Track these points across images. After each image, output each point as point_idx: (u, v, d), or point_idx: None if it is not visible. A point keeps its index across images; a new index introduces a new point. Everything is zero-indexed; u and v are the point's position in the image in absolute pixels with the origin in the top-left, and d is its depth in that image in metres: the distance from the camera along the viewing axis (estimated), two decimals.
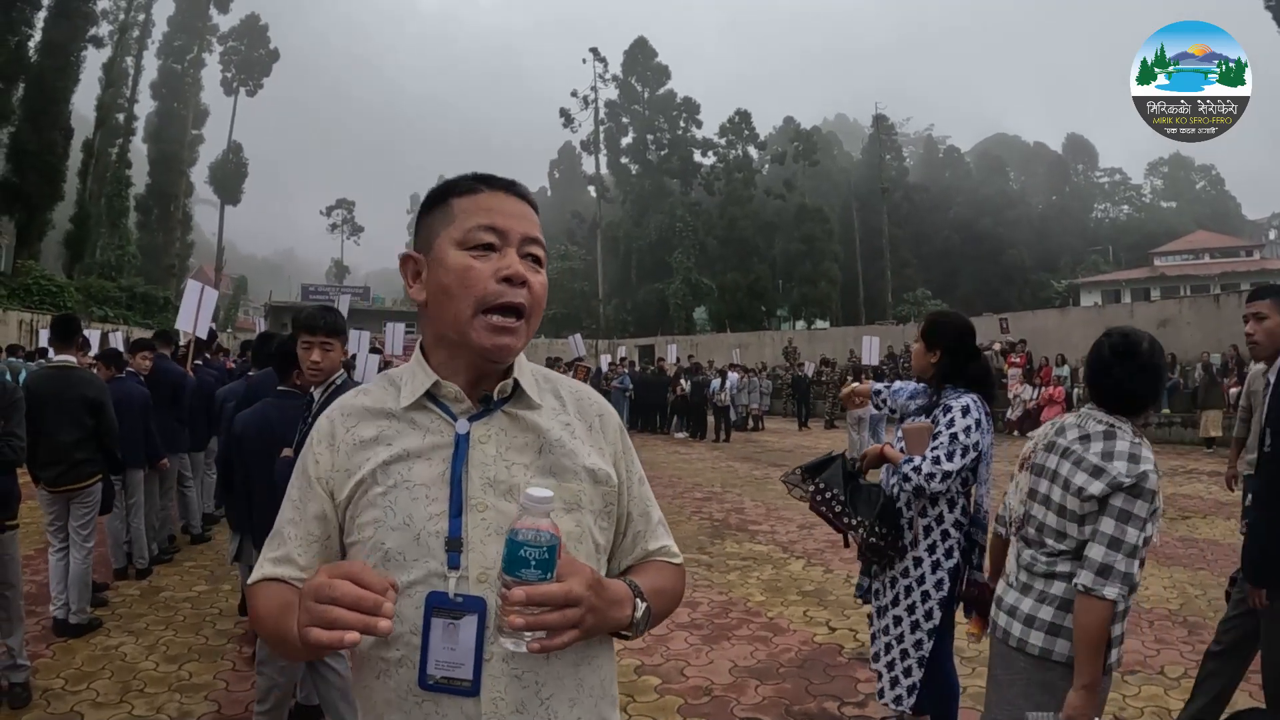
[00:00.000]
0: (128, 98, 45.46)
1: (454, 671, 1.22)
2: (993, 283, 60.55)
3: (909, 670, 3.81)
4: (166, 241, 49.81)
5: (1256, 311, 3.69)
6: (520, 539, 1.09)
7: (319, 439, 1.40)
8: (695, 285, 54.14)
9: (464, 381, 1.37)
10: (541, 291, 1.37)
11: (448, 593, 1.24)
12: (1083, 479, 2.56)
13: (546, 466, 1.36)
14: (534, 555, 1.09)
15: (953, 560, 3.77)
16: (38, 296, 27.35)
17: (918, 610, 3.78)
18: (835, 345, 33.98)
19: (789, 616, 6.39)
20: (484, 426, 1.35)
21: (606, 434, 1.49)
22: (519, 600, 1.09)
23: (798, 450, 18.05)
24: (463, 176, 1.41)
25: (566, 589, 1.14)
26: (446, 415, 1.36)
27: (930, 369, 3.93)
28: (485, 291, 1.30)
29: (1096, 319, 25.69)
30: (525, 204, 1.39)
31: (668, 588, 1.48)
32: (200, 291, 10.12)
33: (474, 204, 1.35)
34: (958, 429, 3.64)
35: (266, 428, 4.14)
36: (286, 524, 1.38)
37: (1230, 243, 57.04)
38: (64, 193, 34.56)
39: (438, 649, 1.23)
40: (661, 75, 61.67)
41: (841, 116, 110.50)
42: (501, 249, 1.33)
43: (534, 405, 1.40)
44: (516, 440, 1.37)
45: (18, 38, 30.96)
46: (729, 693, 4.91)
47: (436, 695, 1.24)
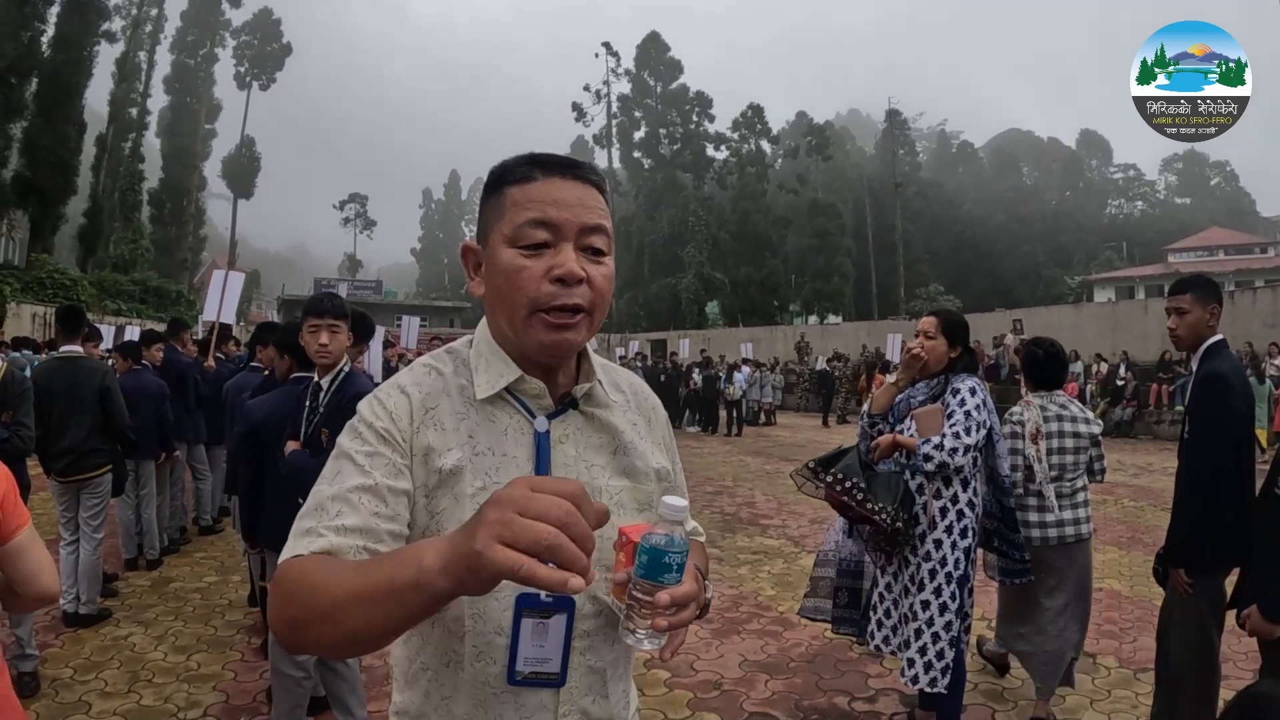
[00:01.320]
0: (141, 92, 45.65)
1: (542, 666, 1.23)
2: (1006, 278, 60.42)
3: (942, 652, 3.86)
4: (179, 236, 50.07)
5: (1178, 306, 3.79)
6: (664, 545, 1.08)
7: (400, 414, 1.27)
8: (707, 280, 54.05)
9: (541, 377, 1.31)
10: (604, 283, 1.27)
11: (538, 594, 1.20)
12: (1084, 427, 4.58)
13: (621, 468, 1.35)
14: (676, 561, 1.08)
15: (967, 540, 3.90)
16: (51, 290, 27.47)
17: (944, 592, 3.87)
18: (848, 340, 33.90)
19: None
20: (561, 426, 1.31)
21: (659, 427, 1.48)
22: (666, 604, 1.06)
23: (809, 445, 17.99)
24: (518, 159, 1.31)
25: (695, 588, 1.12)
26: (525, 411, 1.31)
27: (946, 362, 4.11)
28: (538, 294, 1.23)
29: (1110, 315, 25.58)
30: (586, 186, 1.28)
31: (706, 568, 1.47)
32: (224, 279, 10.10)
33: (526, 195, 1.26)
34: (969, 406, 3.87)
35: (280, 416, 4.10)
36: (358, 492, 1.19)
37: (1245, 239, 56.71)
38: (77, 187, 34.67)
39: (527, 647, 1.21)
40: (674, 69, 61.56)
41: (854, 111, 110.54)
42: (556, 244, 1.24)
43: (607, 404, 1.37)
44: (593, 440, 1.34)
45: (31, 33, 31.05)
46: (739, 687, 4.88)
47: (518, 688, 1.23)
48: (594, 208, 1.28)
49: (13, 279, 26.35)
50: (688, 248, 54.58)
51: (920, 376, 4.19)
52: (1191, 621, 3.66)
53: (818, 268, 56.04)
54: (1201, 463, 3.52)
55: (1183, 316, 3.78)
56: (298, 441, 3.83)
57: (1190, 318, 3.76)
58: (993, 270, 62.18)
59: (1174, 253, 55.50)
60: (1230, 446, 3.50)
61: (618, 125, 61.55)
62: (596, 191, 1.30)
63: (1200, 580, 3.60)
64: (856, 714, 4.57)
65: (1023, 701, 4.65)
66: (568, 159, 1.31)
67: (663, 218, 57.80)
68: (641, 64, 61.51)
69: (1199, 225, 63.23)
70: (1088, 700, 4.67)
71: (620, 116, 61.44)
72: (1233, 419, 3.52)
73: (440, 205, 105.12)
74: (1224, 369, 3.58)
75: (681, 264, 55.00)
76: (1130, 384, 20.56)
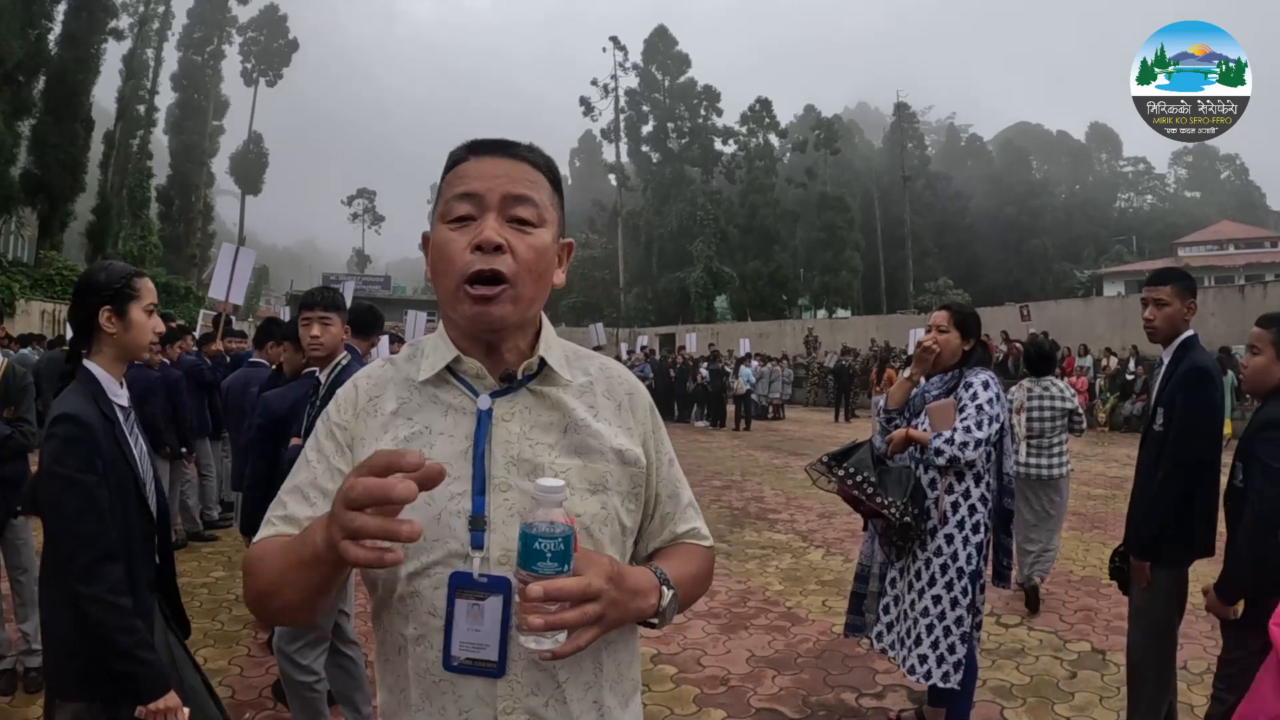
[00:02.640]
0: (148, 89, 45.63)
1: (479, 653, 1.19)
2: (1015, 272, 60.33)
3: (953, 647, 3.86)
4: (188, 232, 50.11)
5: (1157, 297, 3.79)
6: (534, 531, 1.04)
7: (345, 404, 1.36)
8: (716, 274, 53.97)
9: (481, 356, 1.32)
10: (530, 254, 1.27)
11: (471, 573, 1.20)
12: (1060, 403, 6.51)
13: (572, 446, 1.32)
14: (549, 547, 1.04)
15: (979, 536, 3.93)
16: (60, 287, 27.50)
17: (955, 587, 3.88)
18: (857, 334, 33.86)
19: (807, 606, 6.35)
20: (507, 404, 1.30)
21: (636, 413, 1.44)
22: (536, 596, 1.04)
23: (819, 440, 17.97)
24: (459, 145, 1.35)
25: (584, 583, 1.09)
26: (468, 391, 1.31)
27: (959, 355, 4.14)
28: (462, 264, 1.25)
29: (1120, 309, 25.49)
30: (516, 162, 1.31)
31: (697, 572, 1.43)
32: (234, 255, 9.87)
33: (457, 174, 1.30)
34: (982, 400, 3.89)
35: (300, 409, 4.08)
36: (306, 486, 1.31)
37: (1255, 233, 56.41)
38: (85, 184, 34.68)
39: (462, 630, 1.19)
40: (681, 63, 61.39)
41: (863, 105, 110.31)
42: (480, 216, 1.26)
43: (561, 383, 1.35)
44: (541, 418, 1.32)
45: (38, 31, 31.06)
46: (746, 683, 4.87)
47: (455, 676, 1.21)
48: (521, 179, 1.30)
49: (22, 276, 26.42)
50: (696, 242, 54.52)
51: (934, 371, 4.19)
52: (1155, 613, 3.72)
53: (826, 261, 55.97)
54: (1183, 452, 3.56)
55: (1161, 308, 3.80)
56: (300, 438, 3.82)
57: (1169, 310, 3.78)
58: (1002, 264, 62.06)
59: (1184, 247, 55.27)
60: (1211, 436, 3.58)
61: (625, 119, 61.41)
62: (530, 167, 1.32)
63: (1165, 572, 3.66)
64: (864, 710, 4.55)
65: (1031, 699, 4.62)
66: (503, 140, 1.34)
67: (671, 212, 57.72)
68: (649, 58, 61.37)
69: (1209, 219, 62.93)
70: (1097, 697, 4.65)
71: (628, 111, 61.32)
72: (1213, 410, 3.57)
73: None
74: (1207, 363, 3.63)
75: (690, 258, 54.94)
76: (1140, 378, 20.46)
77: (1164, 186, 79.47)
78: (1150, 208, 76.07)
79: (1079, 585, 6.81)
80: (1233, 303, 22.42)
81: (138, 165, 42.62)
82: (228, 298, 9.68)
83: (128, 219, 40.44)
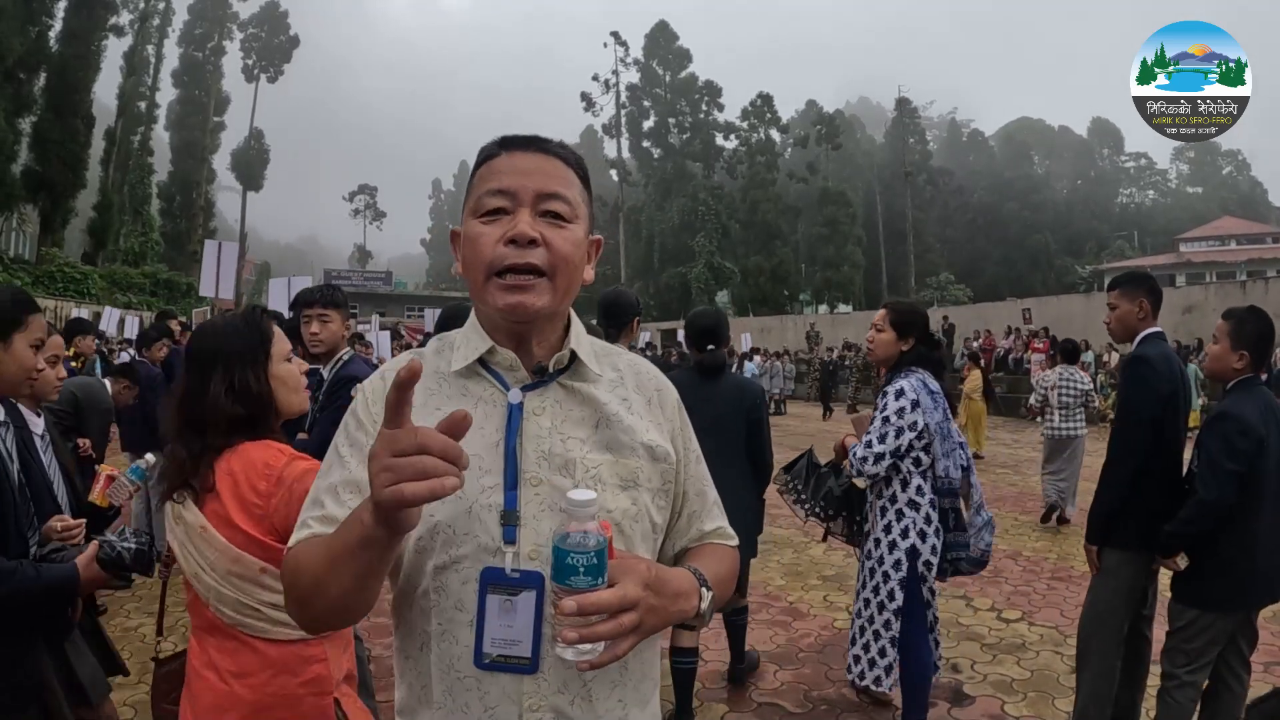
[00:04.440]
0: (149, 86, 45.72)
1: (511, 650, 1.18)
2: (1017, 267, 60.32)
3: (883, 651, 3.91)
4: (189, 228, 50.17)
5: (1109, 303, 4.02)
6: (567, 545, 1.03)
7: (373, 398, 1.33)
8: (718, 269, 54.01)
9: (512, 349, 1.31)
10: (566, 247, 1.28)
11: (504, 569, 1.19)
12: (1080, 385, 9.14)
13: (603, 441, 1.31)
14: (582, 562, 1.03)
15: (909, 540, 3.90)
16: (61, 284, 27.57)
17: (881, 591, 3.92)
18: (858, 329, 33.74)
19: (809, 601, 6.35)
20: (538, 398, 1.30)
21: (665, 409, 1.43)
22: (570, 611, 1.03)
23: (819, 434, 17.95)
24: (490, 142, 1.35)
25: (620, 594, 1.08)
26: (499, 384, 1.30)
27: (897, 356, 4.12)
28: (493, 256, 1.25)
29: None
30: (547, 157, 1.32)
31: (728, 573, 1.43)
32: (218, 250, 9.86)
33: (489, 169, 1.30)
34: (889, 412, 3.89)
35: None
36: (340, 485, 1.27)
37: (1257, 229, 56.39)
38: (87, 181, 34.77)
39: (494, 626, 1.18)
40: (683, 59, 61.45)
41: (864, 100, 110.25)
42: (514, 211, 1.26)
43: (591, 378, 1.35)
44: (573, 413, 1.31)
45: (39, 28, 31.12)
46: (747, 677, 4.87)
47: (482, 673, 1.20)
48: (554, 175, 1.30)
49: (23, 273, 26.46)
50: (698, 237, 54.56)
51: (878, 369, 4.25)
52: (1100, 601, 3.82)
53: (828, 256, 56.03)
54: (1119, 437, 3.73)
55: (1113, 311, 3.99)
56: (306, 432, 3.84)
57: (1119, 312, 3.95)
58: (1004, 259, 62.06)
59: (1185, 242, 55.28)
60: (1145, 423, 3.64)
61: (627, 115, 61.45)
62: (562, 163, 1.32)
63: (1115, 558, 3.73)
64: (865, 705, 4.56)
65: (1032, 693, 4.63)
66: (534, 136, 1.34)
67: (672, 207, 57.78)
68: (650, 53, 61.38)
69: (1211, 214, 62.93)
70: None
71: (629, 106, 61.33)
72: (1149, 398, 3.65)
73: (450, 196, 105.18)
74: (1148, 352, 3.75)
75: (691, 253, 54.99)
76: None
77: (1166, 182, 79.43)
78: (1152, 203, 76.07)
79: (1079, 581, 6.80)
80: (1234, 298, 22.33)
81: (139, 162, 42.70)
82: (217, 293, 9.68)
83: (129, 215, 40.54)
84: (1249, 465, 3.39)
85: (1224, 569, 3.44)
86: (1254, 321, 3.63)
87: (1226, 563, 3.44)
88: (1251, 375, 3.61)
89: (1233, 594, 3.47)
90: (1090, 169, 77.26)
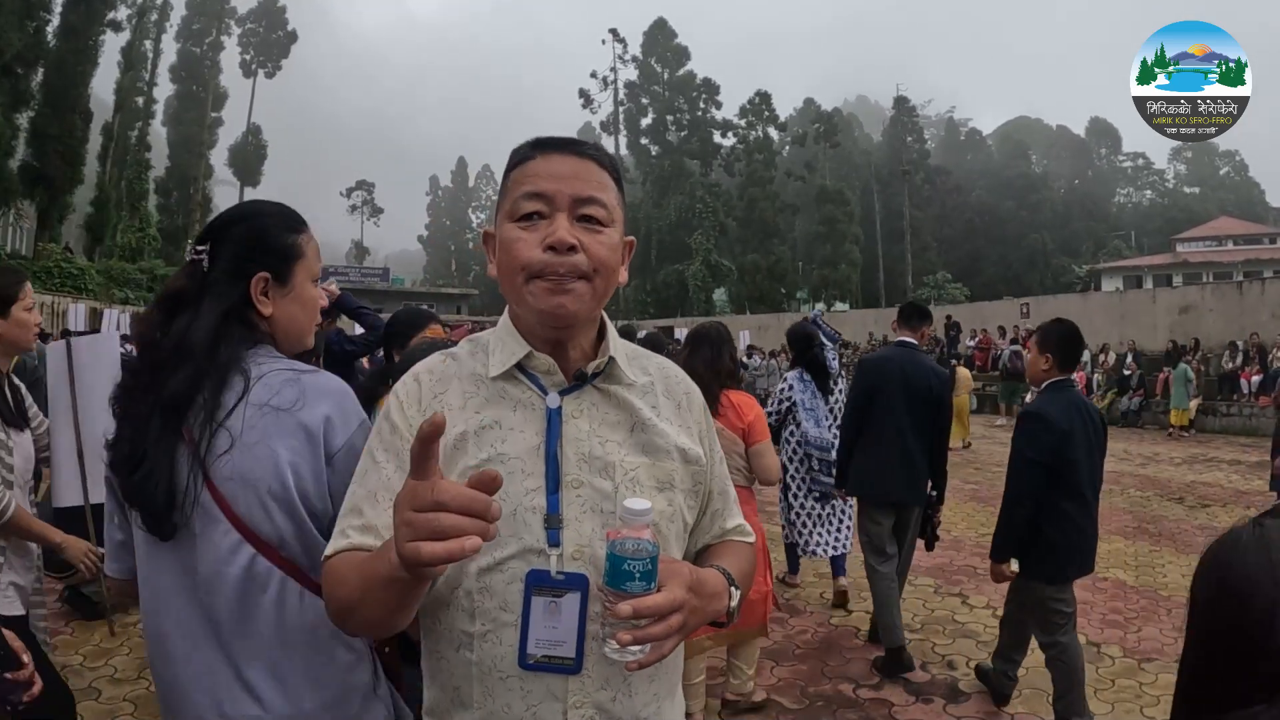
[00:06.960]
0: (147, 81, 45.51)
1: (556, 650, 1.20)
2: (1014, 266, 60.35)
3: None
4: (187, 224, 49.98)
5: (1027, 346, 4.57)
6: (622, 552, 1.06)
7: (409, 400, 1.33)
8: (715, 267, 53.99)
9: (548, 354, 1.32)
10: (604, 252, 1.28)
11: (549, 570, 1.21)
12: None
13: (639, 444, 1.34)
14: (638, 568, 1.06)
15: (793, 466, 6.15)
16: (59, 279, 27.51)
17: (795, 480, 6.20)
18: (855, 327, 33.81)
19: (805, 598, 6.39)
20: (574, 401, 1.31)
21: (693, 412, 1.46)
22: (626, 615, 1.06)
23: None
24: (523, 143, 1.35)
25: (670, 598, 1.11)
26: (536, 388, 1.31)
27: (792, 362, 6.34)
28: (531, 261, 1.25)
29: (1118, 305, 25.46)
30: (583, 160, 1.31)
31: (749, 570, 1.46)
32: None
33: (524, 173, 1.30)
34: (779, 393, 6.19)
35: None
36: (380, 489, 1.27)
37: (1254, 229, 56.43)
38: (84, 176, 34.66)
39: (539, 628, 1.20)
40: (681, 56, 61.40)
41: (862, 98, 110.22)
42: (551, 215, 1.27)
43: (625, 381, 1.36)
44: (609, 416, 1.33)
45: (36, 23, 30.97)
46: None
47: (526, 673, 1.21)
48: (590, 180, 1.30)
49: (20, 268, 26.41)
50: (695, 234, 54.53)
51: None
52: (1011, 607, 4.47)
53: (825, 255, 56.06)
54: (1009, 481, 4.11)
55: (1028, 354, 4.54)
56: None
57: (1030, 359, 4.44)
58: (1001, 258, 62.08)
59: (1182, 242, 55.29)
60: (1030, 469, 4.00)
61: (625, 112, 61.41)
62: (597, 167, 1.32)
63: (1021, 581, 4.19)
64: (862, 701, 4.59)
65: (1027, 690, 4.65)
66: (569, 138, 1.34)
67: (670, 204, 57.75)
68: (648, 50, 61.33)
69: (1208, 215, 62.96)
70: (1091, 689, 4.65)
71: (627, 103, 61.29)
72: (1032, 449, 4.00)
73: (448, 192, 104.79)
74: (1042, 408, 4.10)
75: (689, 251, 54.95)
76: (1136, 374, 20.48)
77: (1163, 182, 79.51)
78: (1149, 203, 76.13)
79: None
80: (1231, 299, 22.33)
81: (136, 157, 42.52)
82: None
83: (126, 211, 40.35)
84: (1053, 455, 3.92)
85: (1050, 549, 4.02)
86: (1056, 329, 4.22)
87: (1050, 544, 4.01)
88: (1061, 378, 4.17)
89: (1058, 569, 4.06)
90: (1088, 168, 77.31)
